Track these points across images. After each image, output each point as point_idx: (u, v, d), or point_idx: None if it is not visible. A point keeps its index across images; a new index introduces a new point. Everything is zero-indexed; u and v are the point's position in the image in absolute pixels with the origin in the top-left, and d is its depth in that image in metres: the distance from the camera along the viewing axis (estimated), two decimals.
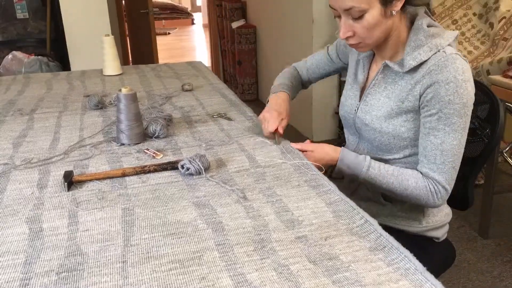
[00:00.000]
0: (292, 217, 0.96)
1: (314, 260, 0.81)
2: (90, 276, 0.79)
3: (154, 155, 1.30)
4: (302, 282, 0.75)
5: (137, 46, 5.42)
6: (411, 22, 1.20)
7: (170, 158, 1.29)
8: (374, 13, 1.10)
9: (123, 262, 0.82)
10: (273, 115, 1.38)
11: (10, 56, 3.54)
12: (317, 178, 1.14)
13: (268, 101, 1.49)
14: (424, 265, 0.78)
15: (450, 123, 1.12)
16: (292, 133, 4.11)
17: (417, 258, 0.80)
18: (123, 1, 5.31)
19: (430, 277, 0.75)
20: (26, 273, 0.80)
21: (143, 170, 1.19)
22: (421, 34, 1.15)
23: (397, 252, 0.82)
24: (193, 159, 1.17)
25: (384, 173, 1.22)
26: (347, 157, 1.27)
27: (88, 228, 0.94)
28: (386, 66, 1.23)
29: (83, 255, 0.85)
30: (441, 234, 1.35)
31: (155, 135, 1.43)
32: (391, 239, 0.86)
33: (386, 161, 1.28)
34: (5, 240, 0.91)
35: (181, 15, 11.95)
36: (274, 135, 1.37)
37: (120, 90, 1.37)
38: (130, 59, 5.46)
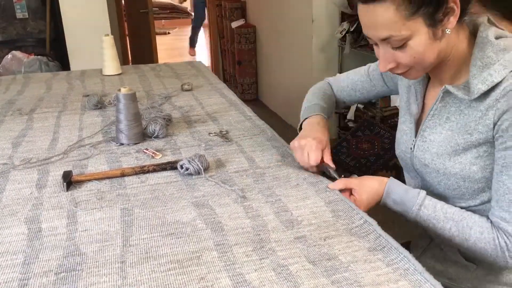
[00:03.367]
0: (291, 217, 0.96)
1: (313, 260, 0.81)
2: (89, 276, 0.79)
3: (153, 155, 1.30)
4: (301, 282, 0.75)
5: (137, 46, 5.41)
6: (472, 33, 0.96)
7: (169, 158, 1.28)
8: (420, 38, 0.89)
9: (122, 262, 0.82)
10: (312, 144, 1.12)
11: (9, 56, 3.53)
12: (316, 175, 1.13)
13: (300, 127, 1.26)
14: None
15: None
16: (292, 133, 4.10)
17: None
18: (123, 1, 5.31)
19: (429, 277, 0.75)
20: (25, 273, 0.80)
21: (142, 170, 1.19)
22: (489, 49, 0.91)
23: (396, 252, 0.82)
24: (192, 159, 1.17)
25: (440, 216, 0.97)
26: (395, 190, 1.02)
27: (87, 228, 0.94)
28: (446, 92, 0.98)
29: (82, 255, 0.85)
30: None
31: (154, 135, 1.43)
32: (390, 239, 0.86)
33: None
34: (3, 240, 0.91)
35: (181, 15, 11.94)
36: (315, 168, 1.15)
37: (119, 90, 1.37)
38: (130, 59, 5.45)
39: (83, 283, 0.77)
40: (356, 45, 3.21)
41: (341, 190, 1.07)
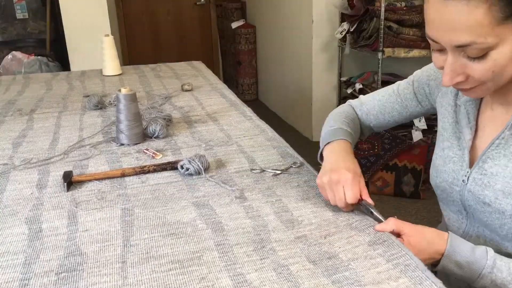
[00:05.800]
0: (291, 217, 0.96)
1: (314, 259, 0.81)
2: (89, 276, 0.79)
3: (154, 155, 1.30)
4: (302, 282, 0.75)
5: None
6: None
7: (170, 158, 1.29)
8: (505, 49, 0.72)
9: (123, 262, 0.82)
10: (348, 178, 0.92)
11: (9, 56, 3.53)
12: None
13: (321, 156, 1.05)
14: None
15: None
16: (291, 133, 4.11)
17: None
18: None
19: (431, 275, 0.75)
20: (26, 274, 0.80)
21: (142, 170, 1.19)
22: None
23: (397, 248, 0.82)
24: (193, 159, 1.17)
25: None
26: (459, 249, 0.84)
27: (88, 228, 0.94)
28: None
29: (83, 255, 0.85)
30: None
31: (154, 135, 1.43)
32: (392, 236, 0.86)
33: None
34: (4, 240, 0.91)
35: None
36: (351, 206, 0.95)
37: (119, 90, 1.37)
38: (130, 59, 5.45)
39: (84, 283, 0.77)
40: (356, 45, 3.21)
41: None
